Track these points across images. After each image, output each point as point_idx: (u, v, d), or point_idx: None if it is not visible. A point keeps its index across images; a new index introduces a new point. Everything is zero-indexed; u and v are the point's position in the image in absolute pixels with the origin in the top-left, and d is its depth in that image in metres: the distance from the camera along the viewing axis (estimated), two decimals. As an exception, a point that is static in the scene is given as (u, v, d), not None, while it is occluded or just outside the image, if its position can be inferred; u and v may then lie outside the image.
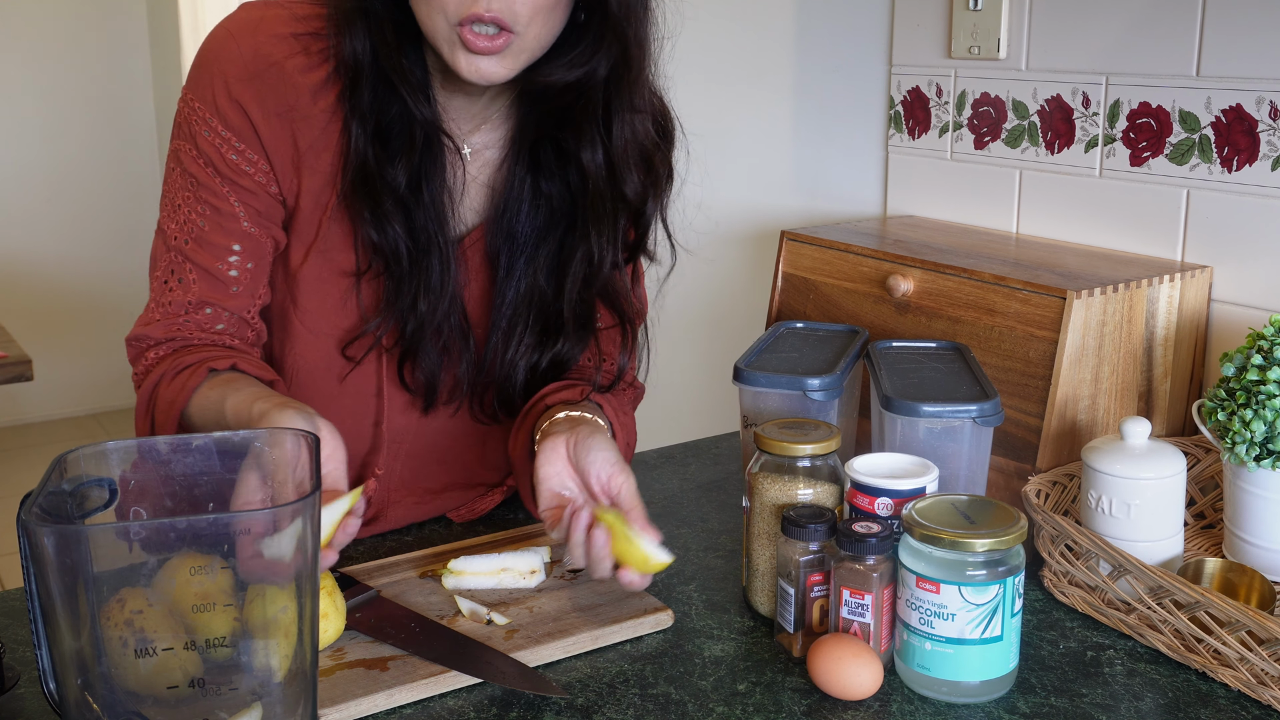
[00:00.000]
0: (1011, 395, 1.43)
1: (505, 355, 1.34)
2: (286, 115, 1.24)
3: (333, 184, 1.26)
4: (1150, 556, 1.26)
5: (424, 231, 1.26)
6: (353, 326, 1.30)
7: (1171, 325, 1.52)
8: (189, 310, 1.26)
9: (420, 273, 1.26)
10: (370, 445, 1.37)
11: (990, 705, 1.08)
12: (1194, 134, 1.58)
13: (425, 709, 1.08)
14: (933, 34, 1.90)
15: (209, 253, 1.26)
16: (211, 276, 1.26)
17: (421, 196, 1.25)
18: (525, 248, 1.32)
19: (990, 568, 1.06)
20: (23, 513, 0.89)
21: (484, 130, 1.31)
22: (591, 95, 1.24)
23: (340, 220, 1.27)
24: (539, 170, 1.30)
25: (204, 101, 1.24)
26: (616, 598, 1.23)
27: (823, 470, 1.21)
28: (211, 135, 1.24)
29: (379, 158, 1.23)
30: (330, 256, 1.28)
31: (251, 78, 1.22)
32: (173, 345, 1.26)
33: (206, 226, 1.26)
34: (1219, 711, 1.08)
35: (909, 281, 1.58)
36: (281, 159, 1.25)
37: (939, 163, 1.92)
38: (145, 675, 0.91)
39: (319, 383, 1.32)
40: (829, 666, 1.08)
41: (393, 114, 1.23)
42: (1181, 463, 1.27)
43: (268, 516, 0.93)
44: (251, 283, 1.28)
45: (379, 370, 1.33)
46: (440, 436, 1.39)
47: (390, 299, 1.27)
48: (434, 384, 1.32)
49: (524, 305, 1.33)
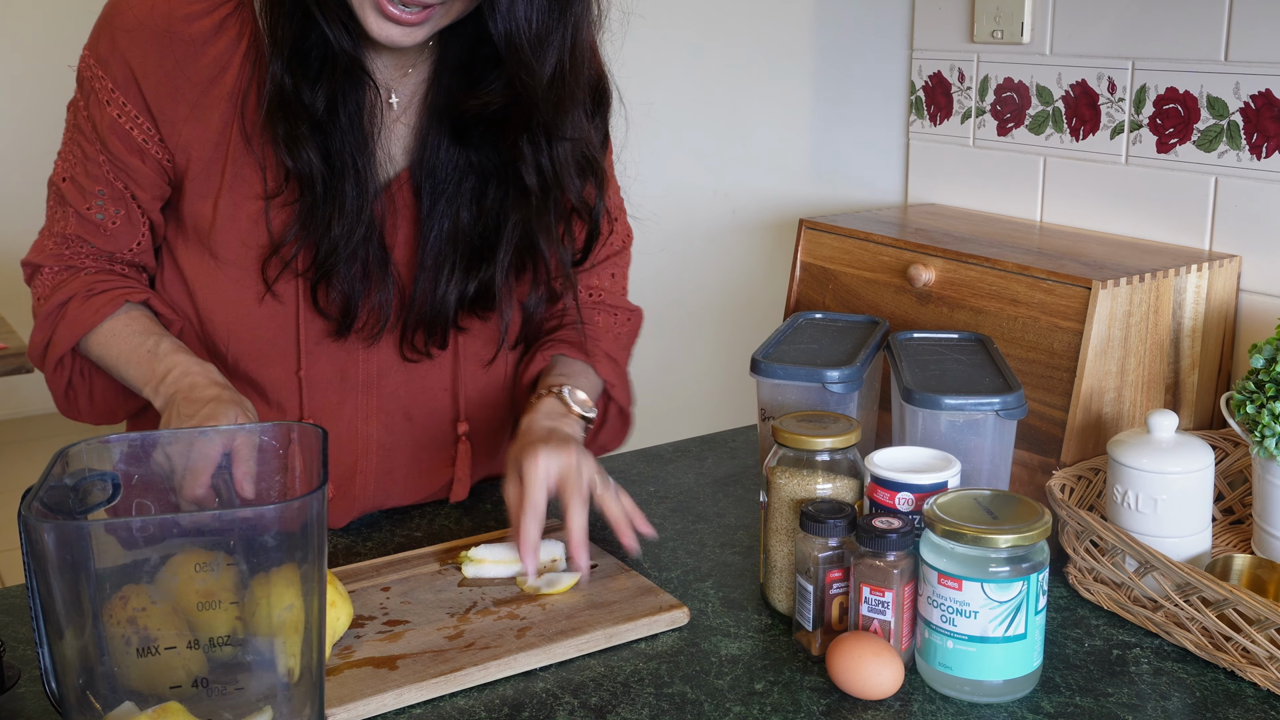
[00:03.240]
0: (1035, 388, 1.42)
1: (436, 293, 1.35)
2: (175, 69, 1.27)
3: (231, 123, 1.28)
4: (1177, 553, 1.25)
5: (339, 157, 1.27)
6: (265, 250, 1.32)
7: (1199, 316, 1.51)
8: (70, 243, 1.34)
9: (335, 197, 1.28)
10: (295, 392, 1.37)
11: (1014, 705, 1.08)
12: (1222, 120, 1.56)
13: (435, 709, 1.07)
14: (955, 17, 1.89)
15: (79, 195, 1.33)
16: (81, 216, 1.33)
17: (339, 121, 1.26)
18: (446, 186, 1.33)
19: (1014, 564, 1.05)
20: (23, 508, 0.88)
21: (410, 76, 1.33)
22: (511, 116, 1.27)
23: (251, 147, 1.29)
24: (459, 115, 1.32)
25: (97, 58, 1.29)
26: (631, 595, 1.22)
27: (842, 464, 1.20)
28: (100, 89, 1.29)
29: (296, 81, 1.24)
30: (241, 185, 1.30)
31: (140, 34, 1.26)
32: (63, 268, 1.35)
33: (78, 168, 1.33)
34: (1248, 711, 1.07)
35: (930, 271, 1.57)
36: (169, 115, 1.28)
37: (961, 150, 1.91)
38: (148, 674, 0.91)
39: (239, 318, 1.34)
40: (848, 665, 1.07)
41: (311, 40, 1.24)
42: (1209, 457, 1.26)
43: (274, 511, 0.92)
44: (122, 227, 1.33)
45: (295, 298, 1.33)
46: (371, 378, 1.39)
47: (304, 221, 1.29)
48: (350, 307, 1.33)
49: (449, 243, 1.34)
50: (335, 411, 1.38)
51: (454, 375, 1.42)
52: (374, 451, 1.41)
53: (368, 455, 1.41)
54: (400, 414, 1.41)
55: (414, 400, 1.42)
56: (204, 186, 1.30)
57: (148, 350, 1.30)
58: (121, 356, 1.31)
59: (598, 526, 1.42)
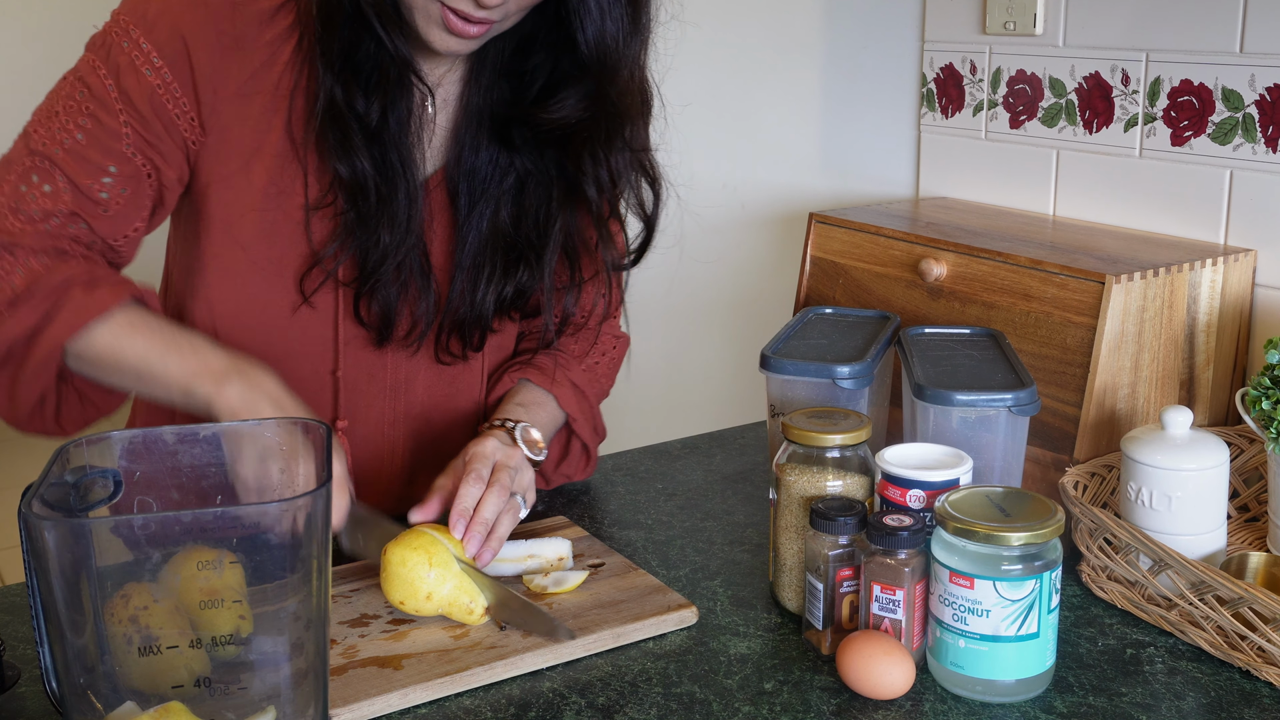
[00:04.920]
0: (1048, 383, 1.42)
1: (475, 296, 1.34)
2: (231, 46, 1.21)
3: (272, 118, 1.24)
4: (1192, 551, 1.24)
5: (391, 167, 1.25)
6: (305, 260, 1.28)
7: (1214, 311, 1.50)
8: (62, 220, 1.21)
9: (386, 208, 1.26)
10: (329, 391, 1.35)
11: (1026, 705, 1.07)
12: (1237, 112, 1.56)
13: (440, 709, 1.06)
14: (967, 8, 1.88)
15: (81, 167, 1.20)
16: (79, 192, 1.21)
17: (389, 128, 1.25)
18: (487, 186, 1.32)
19: (1026, 562, 1.04)
20: (24, 505, 0.88)
21: (449, 77, 1.32)
22: (582, 128, 1.27)
23: (292, 155, 1.26)
24: (505, 118, 1.31)
25: (139, 20, 1.19)
26: (639, 594, 1.22)
27: (853, 461, 1.19)
28: (132, 49, 1.19)
29: (349, 92, 1.22)
30: (282, 187, 1.27)
31: (198, 6, 1.20)
32: (48, 252, 1.20)
33: (84, 140, 1.20)
34: (1263, 711, 1.06)
35: (942, 265, 1.56)
36: (215, 89, 1.22)
37: (973, 142, 1.90)
38: (150, 674, 0.91)
39: (270, 322, 1.30)
40: (859, 665, 1.06)
41: (365, 49, 1.22)
42: (1224, 453, 1.25)
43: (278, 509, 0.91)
44: (125, 209, 1.23)
45: (335, 306, 1.31)
46: (400, 381, 1.38)
47: (351, 231, 1.26)
48: (390, 316, 1.31)
49: (487, 245, 1.33)
50: (363, 415, 1.37)
51: (484, 377, 1.41)
52: (400, 455, 1.40)
53: (394, 459, 1.40)
54: (423, 418, 1.40)
55: (440, 403, 1.40)
56: (238, 179, 1.26)
57: (189, 342, 1.20)
58: (153, 349, 1.19)
59: (603, 525, 1.41)
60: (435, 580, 1.13)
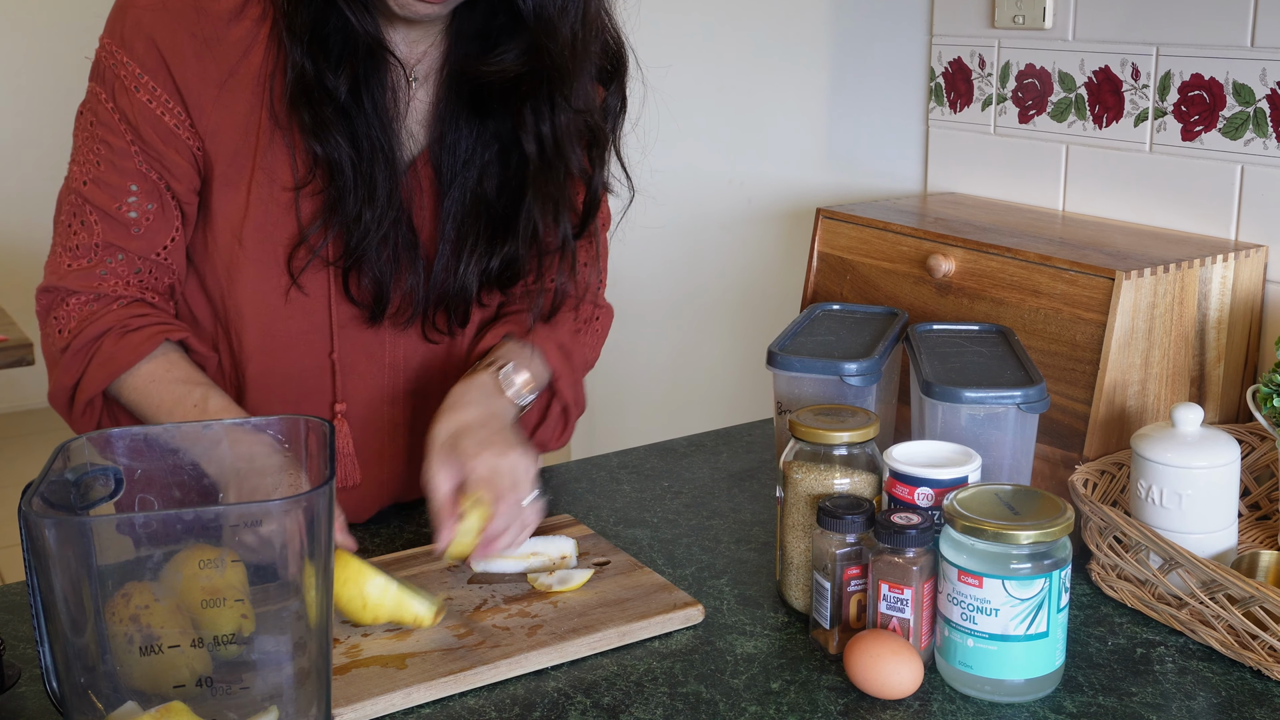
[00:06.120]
0: (1057, 380, 1.41)
1: (459, 269, 1.34)
2: (202, 48, 1.24)
3: (259, 109, 1.26)
4: (1203, 549, 1.24)
5: (367, 140, 1.26)
6: (294, 240, 1.29)
7: (1225, 307, 1.50)
8: (96, 253, 1.27)
9: (365, 183, 1.26)
10: (327, 376, 1.35)
11: (1035, 704, 1.07)
12: (1248, 107, 1.55)
13: (444, 708, 1.06)
14: (975, 2, 1.88)
15: (106, 193, 1.26)
16: (110, 218, 1.26)
17: (364, 105, 1.25)
18: (469, 157, 1.32)
19: (1035, 561, 1.04)
20: (24, 503, 0.88)
21: (429, 54, 1.32)
22: (523, 83, 1.26)
23: (277, 138, 1.27)
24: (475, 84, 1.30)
25: (119, 43, 1.24)
26: (645, 592, 1.21)
27: (860, 459, 1.19)
28: (125, 75, 1.24)
29: (318, 67, 1.23)
30: (272, 173, 1.28)
31: (165, 11, 1.23)
32: (92, 296, 1.27)
33: (102, 166, 1.26)
34: (1274, 711, 1.06)
35: (950, 261, 1.56)
36: (197, 96, 1.25)
37: (982, 137, 1.90)
38: (151, 673, 0.91)
39: (268, 311, 1.31)
40: (867, 664, 1.06)
41: (331, 24, 1.22)
42: (1235, 451, 1.25)
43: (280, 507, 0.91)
44: (155, 224, 1.27)
45: (327, 288, 1.32)
46: (396, 361, 1.38)
47: (332, 208, 1.27)
48: (382, 292, 1.32)
49: (470, 216, 1.33)
50: (361, 396, 1.37)
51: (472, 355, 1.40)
52: (401, 435, 1.40)
53: (395, 439, 1.40)
54: (421, 394, 1.40)
55: (436, 380, 1.40)
56: (234, 175, 1.27)
57: (194, 404, 1.24)
58: (164, 406, 1.25)
59: (608, 523, 1.40)
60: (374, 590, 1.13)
